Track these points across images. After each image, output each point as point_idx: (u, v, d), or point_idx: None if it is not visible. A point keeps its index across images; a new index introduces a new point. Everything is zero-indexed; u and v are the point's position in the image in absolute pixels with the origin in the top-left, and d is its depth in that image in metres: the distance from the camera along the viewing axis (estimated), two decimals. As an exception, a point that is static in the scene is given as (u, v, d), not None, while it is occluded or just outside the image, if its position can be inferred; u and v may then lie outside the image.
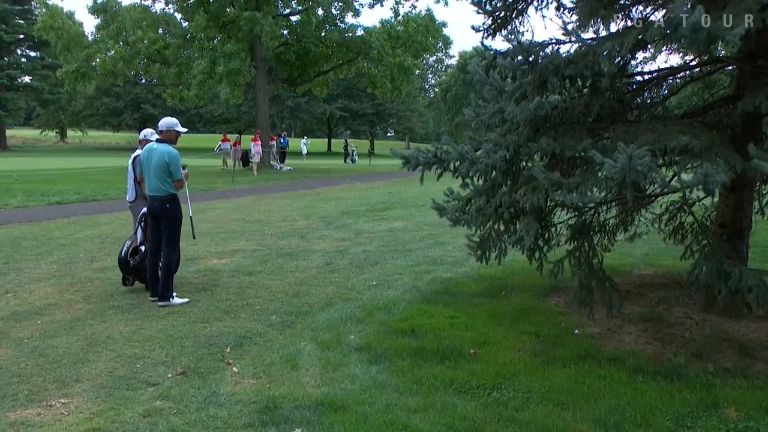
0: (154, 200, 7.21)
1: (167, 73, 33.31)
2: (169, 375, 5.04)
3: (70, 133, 78.27)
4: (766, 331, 6.00)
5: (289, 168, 34.43)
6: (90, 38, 34.98)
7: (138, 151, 8.30)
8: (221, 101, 35.51)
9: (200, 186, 22.57)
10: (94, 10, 34.03)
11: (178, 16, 34.97)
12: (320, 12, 34.15)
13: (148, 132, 8.56)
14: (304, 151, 49.58)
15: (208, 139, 48.89)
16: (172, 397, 4.61)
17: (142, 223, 7.78)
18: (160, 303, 7.05)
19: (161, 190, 7.15)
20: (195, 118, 75.38)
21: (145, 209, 7.81)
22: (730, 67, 6.65)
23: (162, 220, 7.22)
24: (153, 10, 34.89)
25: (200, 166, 34.12)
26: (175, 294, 7.20)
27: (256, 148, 31.29)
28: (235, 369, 5.18)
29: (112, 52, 32.43)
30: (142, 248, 7.70)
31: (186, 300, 7.19)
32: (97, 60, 32.78)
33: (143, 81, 51.05)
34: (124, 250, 7.74)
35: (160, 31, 34.78)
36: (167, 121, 7.41)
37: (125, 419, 4.26)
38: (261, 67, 32.46)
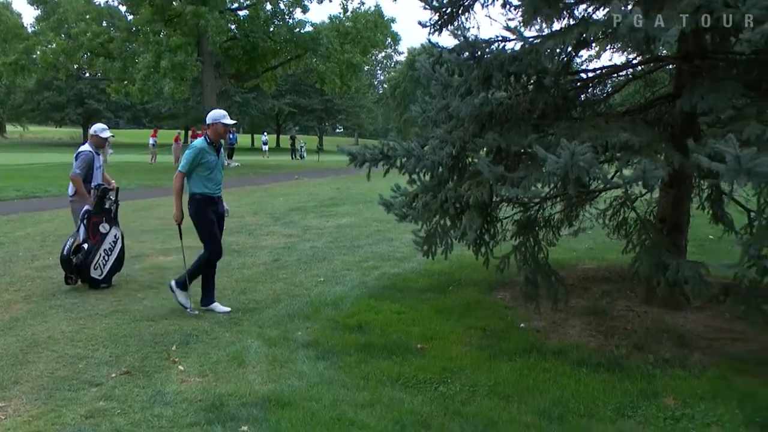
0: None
1: (112, 67, 32.53)
2: (113, 375, 4.95)
3: (9, 128, 76.07)
4: (704, 321, 6.18)
5: (236, 164, 34.08)
6: (29, 30, 33.96)
7: (85, 146, 8.11)
8: (166, 96, 34.91)
9: (147, 182, 22.22)
10: (34, 1, 33.03)
11: (123, 8, 34.24)
12: (268, 7, 33.91)
13: (98, 128, 8.30)
14: (265, 148, 49.16)
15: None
16: (116, 397, 4.52)
17: (85, 221, 7.61)
18: (170, 284, 6.81)
19: (187, 189, 6.69)
20: (141, 114, 74.20)
21: (87, 206, 7.64)
22: (669, 66, 6.82)
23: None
24: (96, 3, 34.06)
25: (146, 162, 33.64)
26: (186, 296, 6.74)
27: None
28: (181, 367, 5.11)
29: (54, 44, 31.59)
30: (85, 246, 7.52)
31: (190, 305, 6.71)
32: (38, 53, 31.87)
33: (87, 75, 49.90)
34: (66, 248, 7.55)
35: (104, 24, 33.90)
36: (211, 114, 6.78)
37: (66, 421, 4.16)
38: (208, 62, 32.05)
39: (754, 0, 3.89)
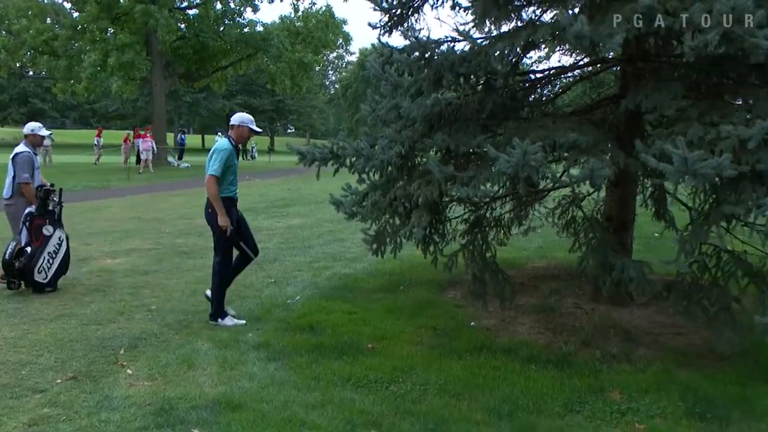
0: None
1: (57, 65, 31.82)
2: (59, 380, 4.82)
3: (-52, 127, 73.60)
4: (649, 317, 6.33)
5: (187, 165, 33.61)
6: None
7: (21, 147, 7.87)
8: (113, 95, 34.27)
9: (94, 183, 21.78)
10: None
11: (68, 5, 33.52)
12: (219, 6, 33.57)
13: (35, 126, 8.07)
14: None
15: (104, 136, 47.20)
16: (61, 404, 4.41)
17: (27, 223, 7.41)
18: (210, 321, 6.26)
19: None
20: (88, 114, 72.63)
21: (30, 208, 7.44)
22: (615, 68, 6.97)
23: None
24: (39, -1, 33.30)
25: (92, 163, 32.99)
26: (230, 314, 6.37)
27: (144, 145, 29.41)
28: (129, 371, 5.02)
29: (-7, 41, 30.77)
30: (28, 249, 7.32)
31: (243, 321, 6.30)
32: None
33: (30, 73, 48.66)
34: (8, 252, 7.34)
35: (48, 20, 33.09)
36: (238, 116, 6.43)
37: (7, 430, 4.04)
38: (157, 62, 31.57)
39: (692, 10, 4.00)
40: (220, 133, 52.00)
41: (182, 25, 33.25)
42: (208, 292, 6.44)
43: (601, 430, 4.11)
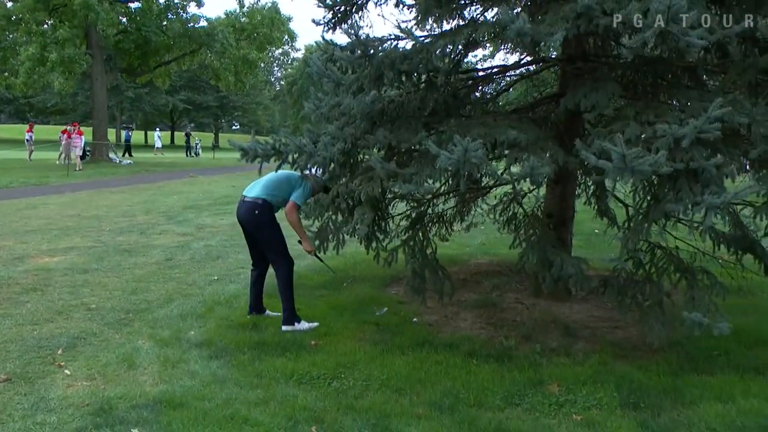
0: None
1: (-11, 57, 30.79)
2: (-9, 383, 4.70)
3: None
4: (587, 312, 6.48)
5: (129, 162, 32.96)
6: None
7: None
8: (54, 91, 33.30)
9: (31, 180, 21.18)
10: None
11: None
12: (161, 0, 32.95)
13: None
14: (158, 144, 47.72)
15: (40, 131, 45.73)
16: (-6, 407, 4.30)
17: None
18: (285, 327, 5.95)
19: (257, 191, 5.98)
20: (25, 108, 70.47)
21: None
22: (556, 67, 7.11)
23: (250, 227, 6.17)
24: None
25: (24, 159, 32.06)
26: (305, 323, 6.06)
27: (75, 142, 28.14)
28: (67, 372, 4.91)
29: None
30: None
31: (315, 324, 6.05)
32: None
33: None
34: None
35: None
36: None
37: (-64, 434, 3.93)
38: (98, 56, 30.77)
39: (627, 10, 4.10)
40: (159, 130, 51.21)
41: (123, 19, 32.47)
42: (269, 312, 6.22)
43: (540, 422, 4.19)
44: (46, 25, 28.78)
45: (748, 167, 4.82)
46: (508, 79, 7.40)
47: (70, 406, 4.29)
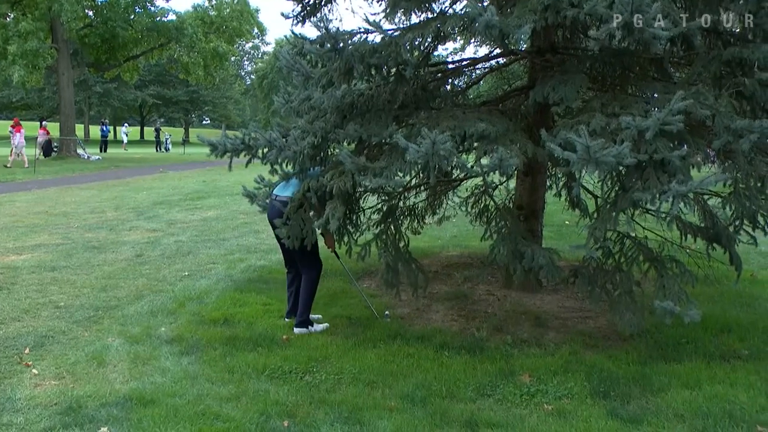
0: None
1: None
2: (-44, 385, 4.62)
3: None
4: (558, 302, 6.55)
5: (98, 157, 32.51)
6: None
7: None
8: (15, 85, 32.64)
9: (-4, 177, 20.85)
10: None
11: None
12: (129, -7, 32.53)
13: None
14: (125, 140, 47.25)
15: (2, 126, 44.83)
16: (-41, 408, 4.23)
17: None
18: (297, 329, 5.82)
19: (285, 189, 5.78)
20: (-11, 104, 69.17)
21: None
22: (525, 60, 7.14)
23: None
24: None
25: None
26: (318, 322, 6.00)
27: (14, 139, 27.23)
28: (34, 371, 4.85)
29: None
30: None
31: (326, 325, 5.96)
32: None
33: None
34: None
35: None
36: None
37: None
38: (64, 50, 30.30)
39: (594, 2, 4.13)
40: (127, 125, 50.61)
41: (90, 12, 31.99)
42: (296, 330, 5.86)
43: (511, 413, 4.23)
44: (8, 18, 28.20)
45: (714, 158, 4.90)
46: (478, 71, 7.43)
47: (37, 406, 4.25)
